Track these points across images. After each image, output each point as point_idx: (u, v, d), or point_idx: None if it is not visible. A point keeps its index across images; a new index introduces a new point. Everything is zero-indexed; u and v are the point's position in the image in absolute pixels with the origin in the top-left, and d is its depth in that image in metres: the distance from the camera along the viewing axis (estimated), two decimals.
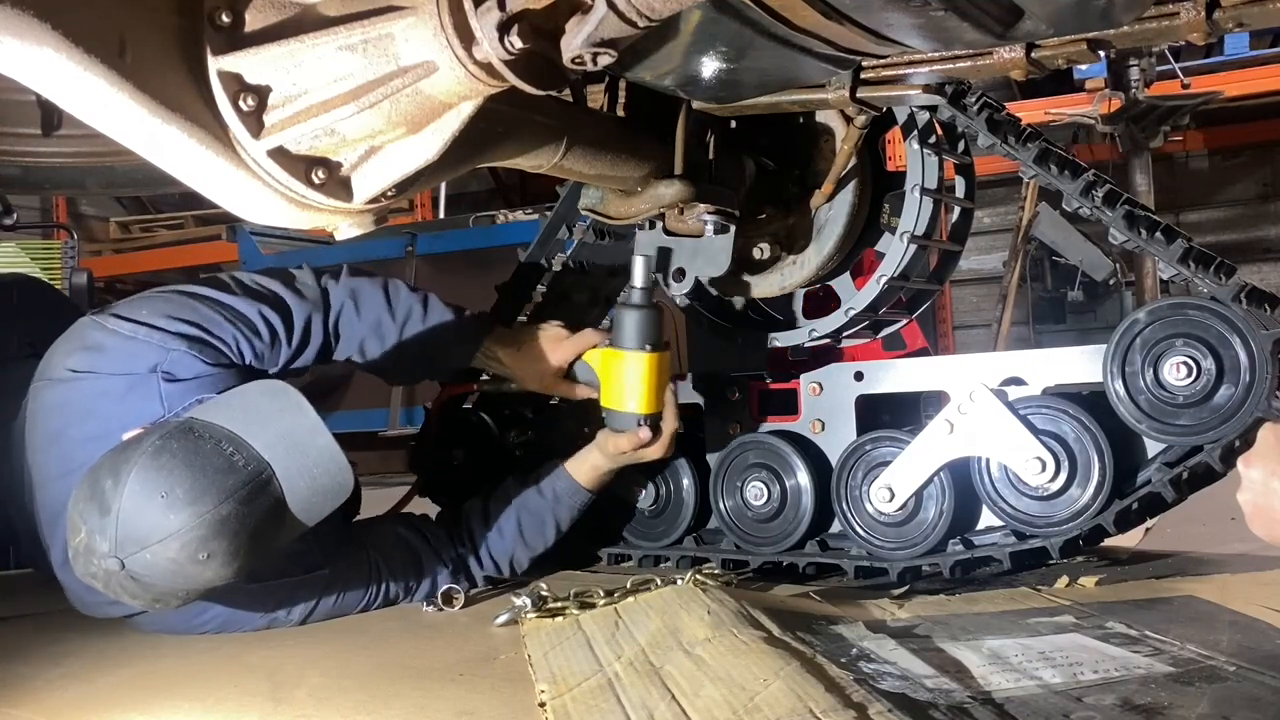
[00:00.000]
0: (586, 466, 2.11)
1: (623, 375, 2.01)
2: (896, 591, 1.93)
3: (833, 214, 2.16)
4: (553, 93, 1.40)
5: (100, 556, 1.55)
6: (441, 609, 1.98)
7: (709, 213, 2.00)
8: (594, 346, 2.09)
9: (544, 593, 1.86)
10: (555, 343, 2.13)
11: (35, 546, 1.99)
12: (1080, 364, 1.90)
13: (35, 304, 2.61)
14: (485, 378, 2.36)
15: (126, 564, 1.54)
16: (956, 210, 2.25)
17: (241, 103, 1.23)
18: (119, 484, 1.55)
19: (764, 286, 2.24)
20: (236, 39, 1.23)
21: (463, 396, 2.49)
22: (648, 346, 2.00)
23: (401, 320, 2.08)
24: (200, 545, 1.55)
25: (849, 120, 2.02)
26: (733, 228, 2.02)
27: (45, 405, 1.89)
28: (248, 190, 1.28)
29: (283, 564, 1.85)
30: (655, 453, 2.06)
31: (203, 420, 1.65)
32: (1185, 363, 1.75)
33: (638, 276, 2.01)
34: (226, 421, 1.64)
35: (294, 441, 1.66)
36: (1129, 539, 2.12)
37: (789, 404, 2.19)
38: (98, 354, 1.86)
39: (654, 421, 2.03)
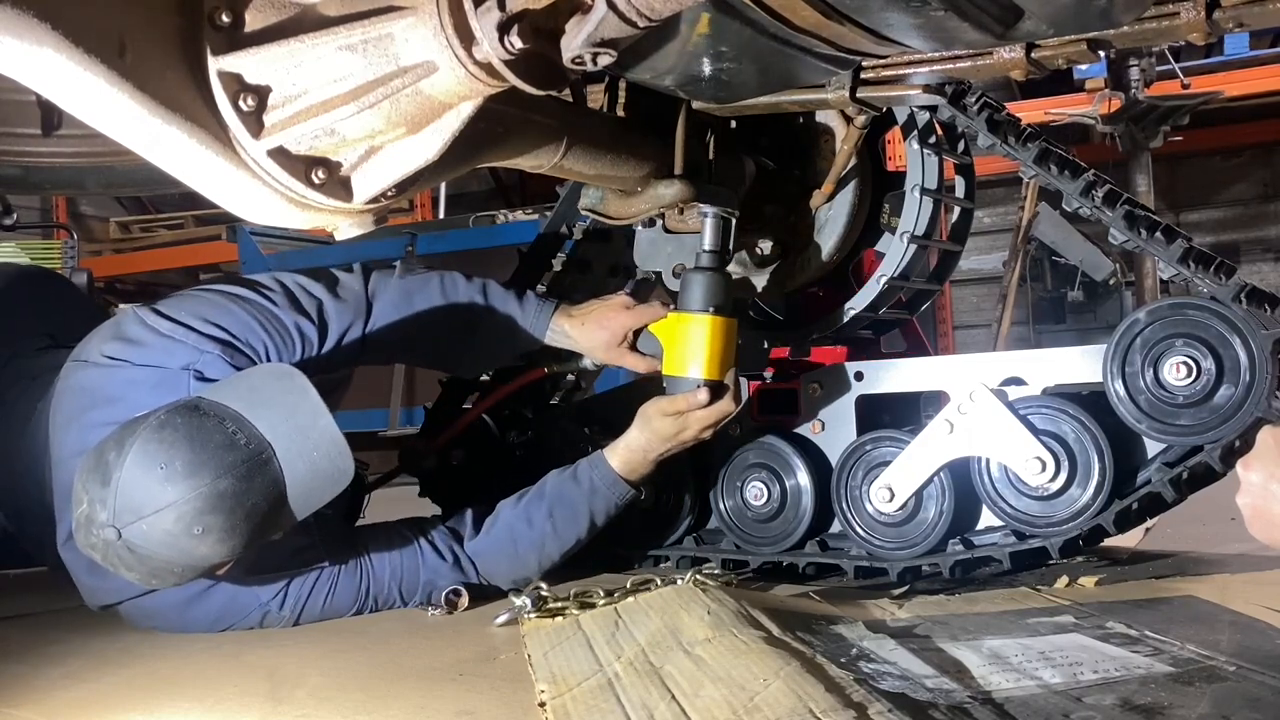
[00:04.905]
0: (622, 448, 2.00)
1: (685, 338, 1.94)
2: (896, 591, 1.93)
3: (833, 214, 2.16)
4: (553, 93, 1.40)
5: (99, 526, 1.58)
6: (448, 612, 1.97)
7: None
8: (660, 319, 2.01)
9: (544, 593, 1.86)
10: (620, 311, 2.07)
11: (44, 528, 2.00)
12: (1080, 364, 1.91)
13: (54, 296, 2.64)
14: (554, 362, 2.29)
15: (124, 534, 1.57)
16: (956, 210, 2.25)
17: (241, 103, 1.23)
18: (121, 455, 1.59)
19: (764, 286, 2.24)
20: (236, 39, 1.23)
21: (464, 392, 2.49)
22: (712, 309, 1.93)
23: (464, 315, 2.06)
24: (196, 518, 1.57)
25: (849, 120, 2.03)
26: (733, 220, 2.01)
27: (73, 386, 1.91)
28: (248, 190, 1.28)
29: (284, 558, 1.86)
30: (703, 419, 1.93)
31: (209, 399, 1.68)
32: (1185, 363, 1.75)
33: (708, 238, 1.96)
34: (232, 401, 1.67)
35: (296, 424, 1.67)
36: (1129, 539, 2.12)
37: (789, 404, 2.19)
38: (134, 346, 1.88)
39: (715, 390, 1.93)
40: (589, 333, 2.09)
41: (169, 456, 1.58)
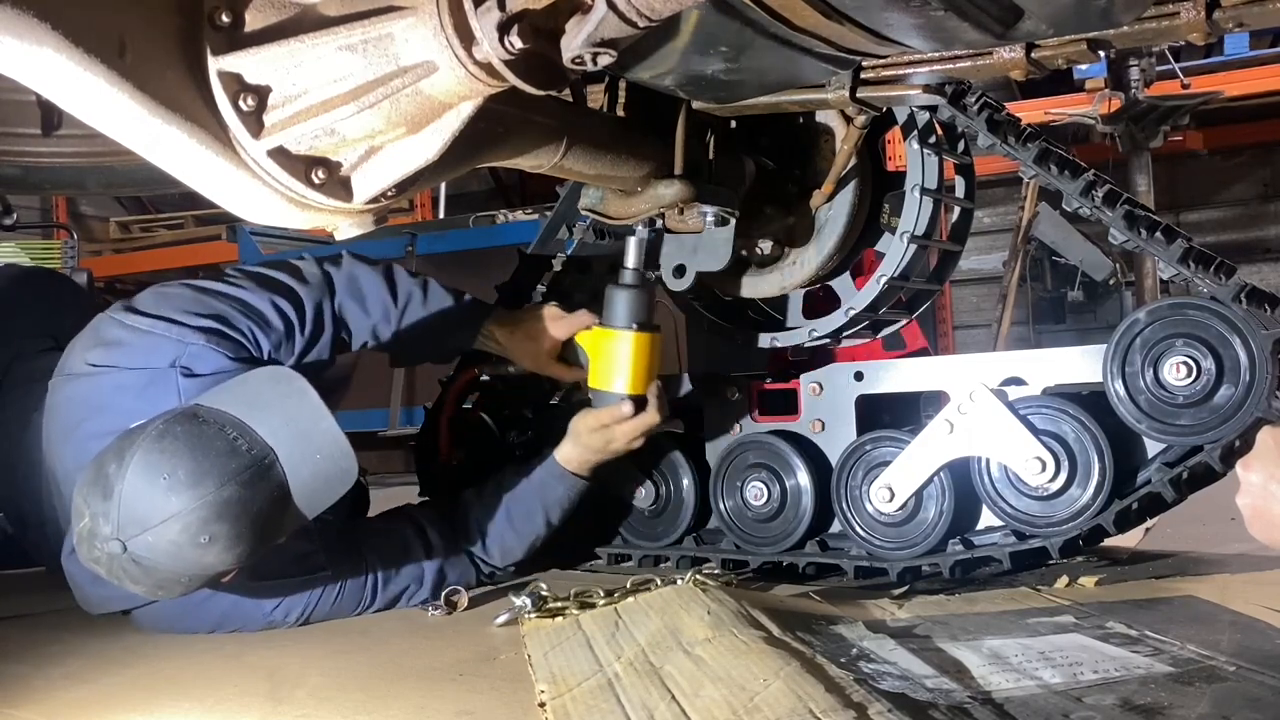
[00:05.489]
0: (564, 452, 2.08)
1: (609, 354, 2.01)
2: (896, 591, 1.93)
3: (833, 214, 2.16)
4: (553, 93, 1.40)
5: (103, 540, 1.56)
6: (448, 612, 1.97)
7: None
8: (588, 327, 2.08)
9: (544, 593, 1.86)
10: (550, 322, 2.13)
11: (44, 540, 2.00)
12: (1080, 364, 1.90)
13: (56, 297, 2.63)
14: (486, 364, 2.35)
15: (129, 546, 1.55)
16: (956, 210, 2.25)
17: (241, 103, 1.23)
18: (122, 467, 1.57)
19: (764, 286, 2.24)
20: (236, 39, 1.23)
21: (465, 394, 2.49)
22: (635, 325, 1.99)
23: (403, 304, 2.09)
24: (202, 528, 1.56)
25: (849, 120, 2.02)
26: (733, 220, 2.02)
27: (63, 400, 1.90)
28: (248, 190, 1.28)
29: (286, 563, 1.86)
30: (629, 431, 2.01)
31: (207, 406, 1.66)
32: (1185, 363, 1.75)
33: (630, 257, 2.02)
34: (231, 407, 1.65)
35: (298, 427, 1.67)
36: (1129, 539, 2.12)
37: (789, 404, 2.19)
38: (116, 349, 1.88)
39: (638, 403, 2.01)
40: (517, 341, 2.15)
41: (171, 466, 1.56)
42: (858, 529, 2.05)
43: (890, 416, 2.15)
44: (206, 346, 1.84)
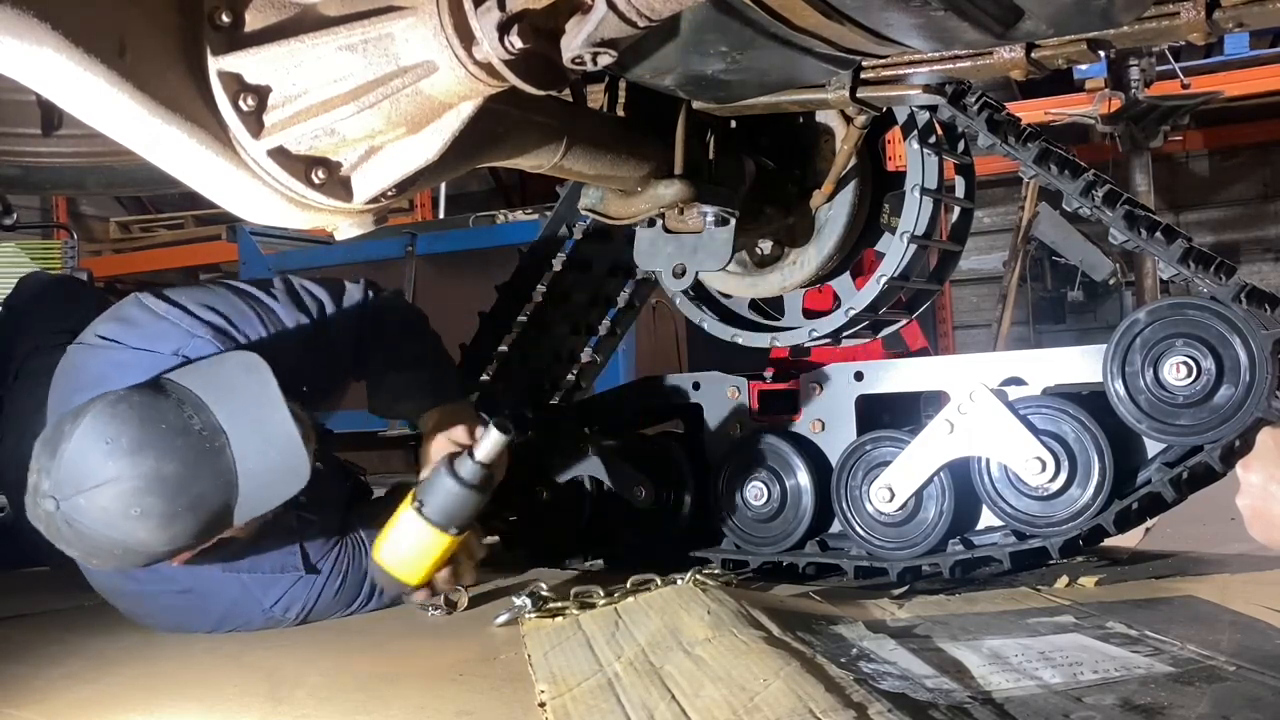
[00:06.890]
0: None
1: (411, 540, 1.79)
2: (896, 591, 1.93)
3: (833, 214, 2.16)
4: (553, 93, 1.40)
5: (41, 496, 1.55)
6: (448, 612, 1.97)
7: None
8: (470, 438, 1.94)
9: (544, 593, 1.86)
10: (441, 436, 2.00)
11: None
12: (1080, 364, 1.91)
13: (71, 296, 2.65)
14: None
15: (62, 506, 1.54)
16: (956, 210, 2.25)
17: (241, 103, 1.23)
18: (74, 426, 1.56)
19: (764, 286, 2.25)
20: (236, 39, 1.23)
21: None
22: (454, 530, 1.78)
23: (409, 359, 2.06)
24: (134, 499, 1.54)
25: (849, 120, 2.02)
26: (733, 220, 2.01)
27: (66, 366, 1.91)
28: (248, 190, 1.28)
29: (282, 560, 1.86)
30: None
31: (172, 380, 1.65)
32: (1185, 363, 1.75)
33: (482, 450, 1.76)
34: (195, 385, 1.63)
35: (255, 416, 1.63)
36: (1129, 539, 2.12)
37: (789, 404, 2.19)
38: (128, 327, 1.89)
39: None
40: (424, 449, 2.03)
41: (116, 432, 1.54)
42: (858, 529, 2.05)
43: (890, 416, 2.15)
44: (210, 341, 1.84)
